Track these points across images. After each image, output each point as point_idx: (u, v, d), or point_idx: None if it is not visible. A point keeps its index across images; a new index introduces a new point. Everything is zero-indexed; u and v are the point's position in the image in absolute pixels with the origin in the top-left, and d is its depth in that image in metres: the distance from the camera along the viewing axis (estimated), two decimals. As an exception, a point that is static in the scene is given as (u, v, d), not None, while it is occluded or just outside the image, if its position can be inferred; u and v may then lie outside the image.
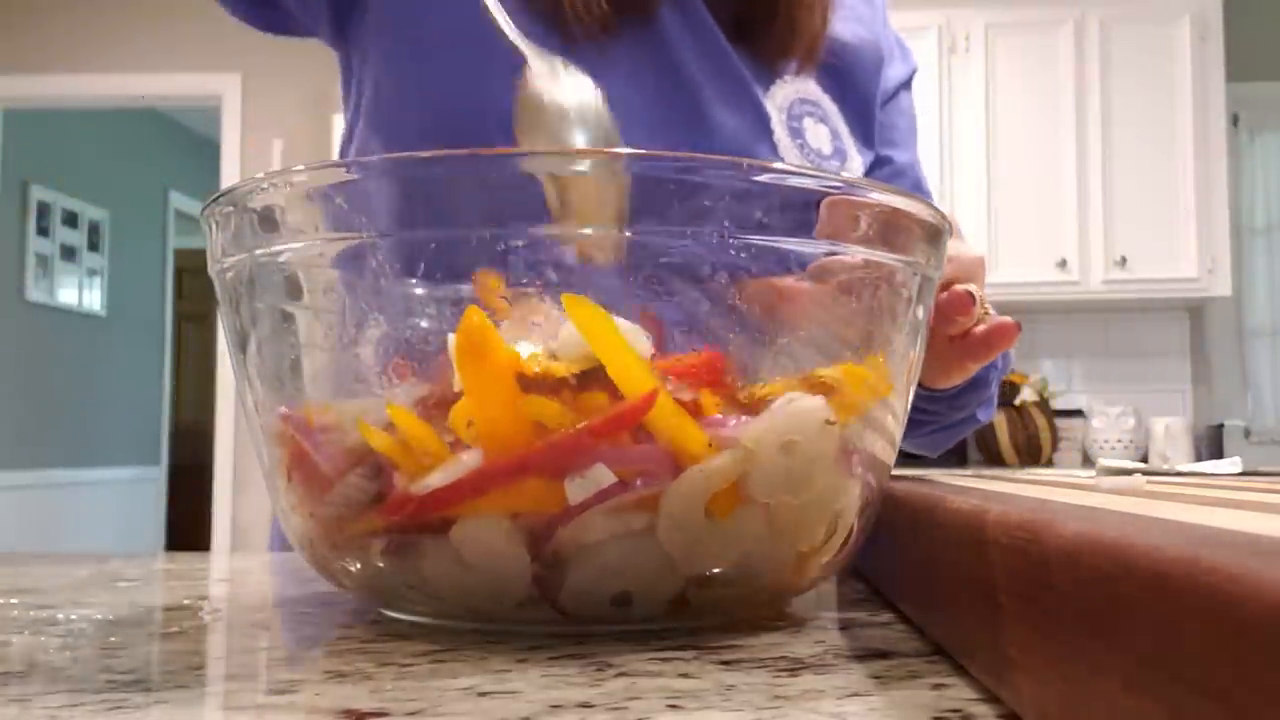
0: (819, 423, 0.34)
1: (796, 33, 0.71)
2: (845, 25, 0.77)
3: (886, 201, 0.37)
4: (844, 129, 0.75)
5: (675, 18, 0.69)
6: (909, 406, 0.42)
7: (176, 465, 5.52)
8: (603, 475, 0.32)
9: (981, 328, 0.52)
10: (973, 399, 0.67)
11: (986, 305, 0.54)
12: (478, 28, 0.53)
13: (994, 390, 0.72)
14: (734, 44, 0.71)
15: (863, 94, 0.77)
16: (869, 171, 0.77)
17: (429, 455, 0.33)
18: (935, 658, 0.32)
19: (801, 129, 0.72)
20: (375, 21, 0.70)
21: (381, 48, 0.70)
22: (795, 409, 0.34)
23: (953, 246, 0.44)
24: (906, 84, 0.84)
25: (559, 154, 0.34)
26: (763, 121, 0.70)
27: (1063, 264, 3.19)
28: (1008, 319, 0.53)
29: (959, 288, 0.51)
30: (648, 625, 0.36)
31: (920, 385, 0.60)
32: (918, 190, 0.81)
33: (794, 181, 0.35)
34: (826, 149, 0.73)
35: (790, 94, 0.72)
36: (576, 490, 0.32)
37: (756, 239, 0.34)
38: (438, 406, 0.34)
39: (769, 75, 0.72)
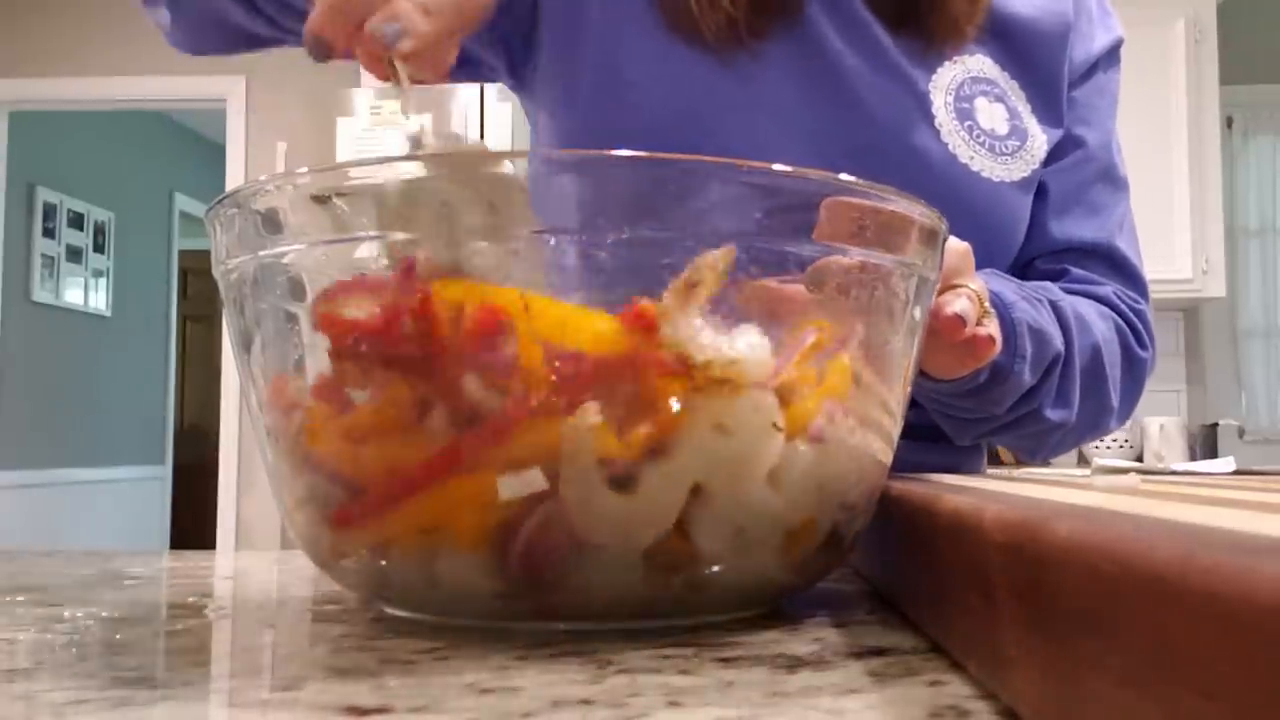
0: (765, 424, 0.34)
1: (953, 15, 0.70)
2: None
3: (884, 203, 0.37)
4: (1024, 107, 0.73)
5: (826, 13, 0.69)
6: (905, 405, 0.42)
7: (181, 464, 5.52)
8: (534, 480, 0.32)
9: (968, 332, 0.51)
10: (1003, 393, 0.64)
11: (986, 304, 0.54)
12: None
13: (1039, 384, 0.66)
14: (894, 32, 0.70)
15: (1046, 69, 0.74)
16: (1058, 148, 0.74)
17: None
18: (932, 655, 0.32)
19: (972, 109, 0.70)
20: (543, 75, 0.73)
21: (548, 96, 0.73)
22: (741, 400, 0.33)
23: None
24: (1108, 56, 0.80)
25: (560, 155, 0.34)
26: (922, 107, 0.69)
27: (1058, 265, 3.19)
28: (982, 332, 0.52)
29: (947, 310, 0.50)
30: (646, 623, 0.36)
31: (933, 379, 0.58)
32: (1109, 173, 0.78)
33: (792, 183, 0.35)
34: (1002, 128, 0.71)
35: (960, 74, 0.71)
36: (510, 490, 0.32)
37: (755, 240, 0.34)
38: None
39: (935, 58, 0.71)
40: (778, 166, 0.35)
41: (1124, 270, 0.77)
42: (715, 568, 0.35)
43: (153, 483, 5.28)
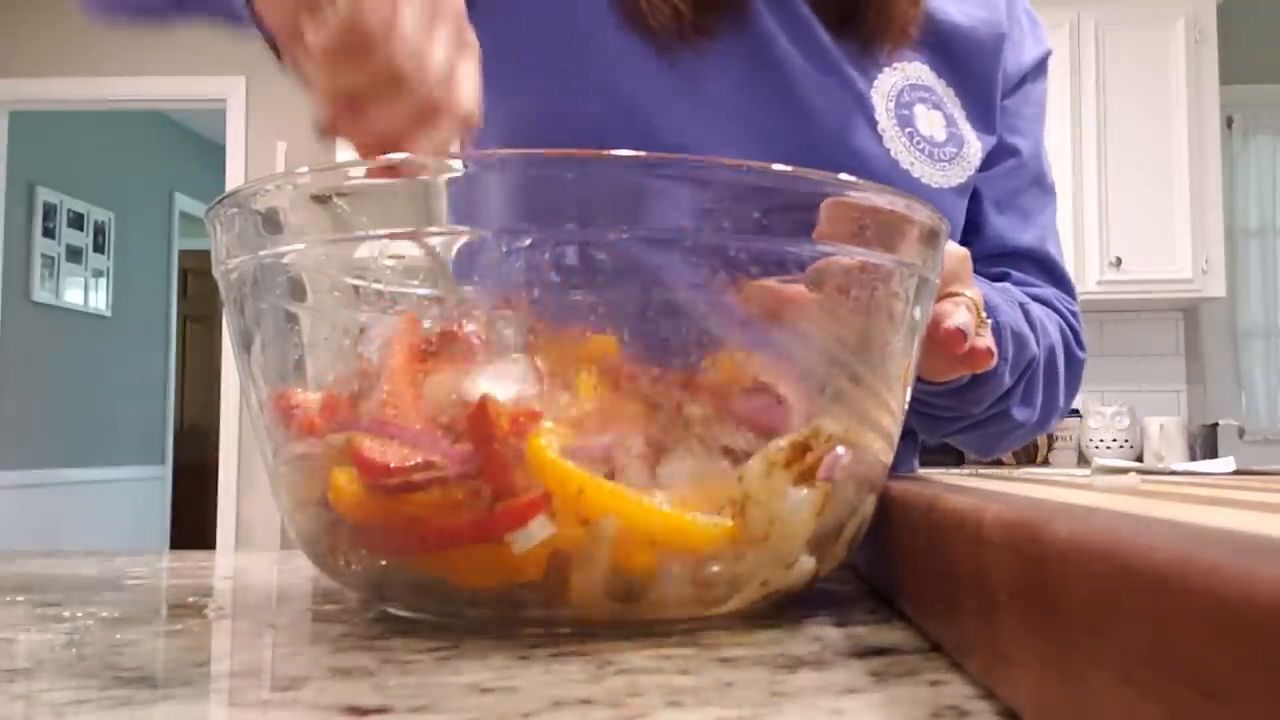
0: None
1: (894, 16, 0.70)
2: (958, 5, 0.75)
3: (884, 204, 0.37)
4: (960, 114, 0.74)
5: (771, 14, 0.69)
6: (906, 406, 0.42)
7: (181, 464, 5.52)
8: (541, 528, 0.32)
9: (968, 346, 0.51)
10: (984, 393, 0.65)
11: (984, 313, 0.54)
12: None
13: (1013, 385, 0.68)
14: (835, 34, 0.70)
15: (980, 77, 0.75)
16: (991, 156, 0.75)
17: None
18: (932, 655, 0.32)
19: (912, 116, 0.70)
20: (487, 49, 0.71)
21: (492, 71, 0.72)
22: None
23: None
24: (1037, 67, 0.81)
25: (570, 156, 0.34)
26: (865, 112, 0.69)
27: (1058, 265, 3.19)
28: (981, 345, 0.52)
29: (948, 323, 0.51)
30: (647, 622, 0.36)
31: (922, 380, 0.59)
32: (1040, 180, 0.80)
33: (793, 184, 0.35)
34: (940, 135, 0.71)
35: (899, 81, 0.71)
36: (521, 544, 0.32)
37: (755, 241, 0.34)
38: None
39: (875, 63, 0.71)
40: (778, 166, 0.35)
41: (1055, 273, 0.80)
42: (715, 568, 0.35)
43: (153, 483, 5.28)
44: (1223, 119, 3.40)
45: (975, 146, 0.74)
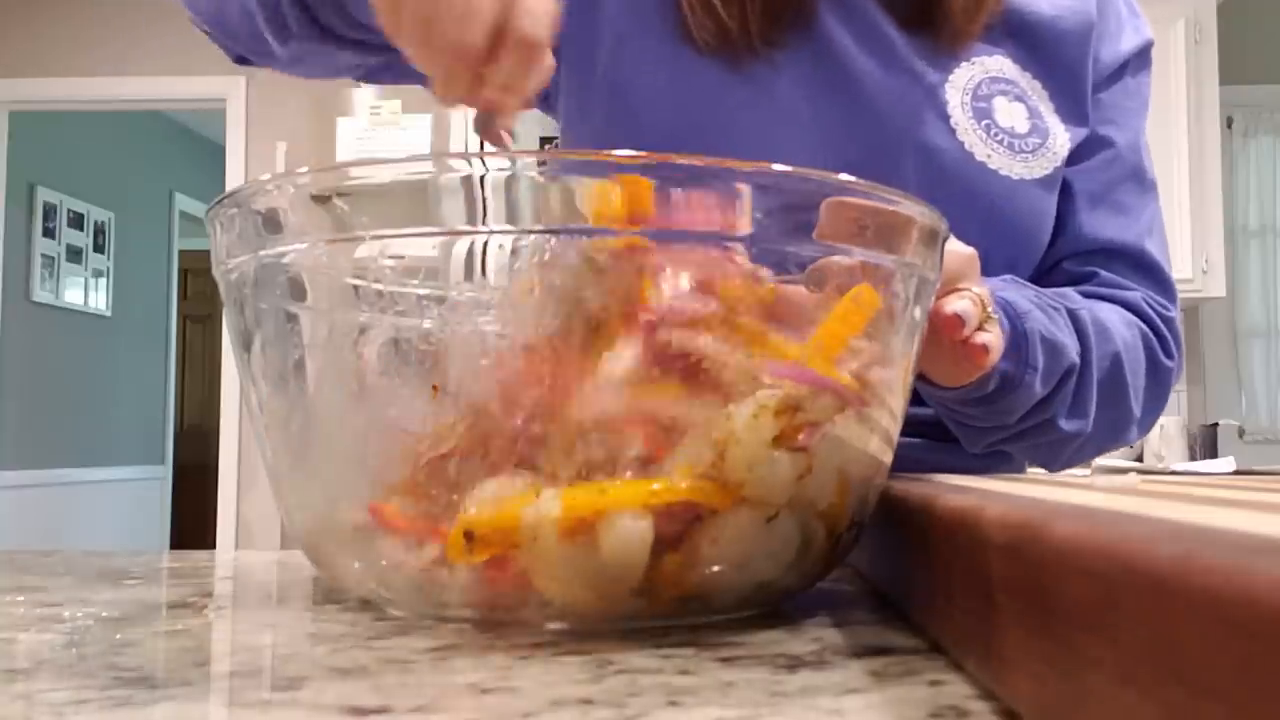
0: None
1: (966, 14, 0.70)
2: None
3: (885, 204, 0.37)
4: (1047, 106, 0.73)
5: (838, 18, 0.69)
6: (906, 406, 0.42)
7: (181, 464, 5.53)
8: None
9: (966, 333, 0.51)
10: (1012, 403, 0.63)
11: (990, 309, 0.53)
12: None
13: (1052, 395, 0.64)
14: (906, 31, 0.70)
15: (1068, 68, 0.74)
16: (1084, 147, 0.74)
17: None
18: (932, 654, 0.32)
19: (990, 109, 0.70)
20: (562, 87, 0.74)
21: (565, 107, 0.74)
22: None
23: (946, 244, 0.44)
24: (1138, 58, 0.79)
25: (579, 157, 0.34)
26: (937, 106, 0.69)
27: (1058, 265, 3.19)
28: (977, 340, 0.51)
29: (947, 309, 0.50)
30: (650, 622, 0.36)
31: (939, 386, 0.58)
32: (1138, 174, 0.77)
33: (792, 183, 0.35)
34: (1022, 126, 0.70)
35: (978, 74, 0.71)
36: None
37: (755, 240, 0.34)
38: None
39: (951, 58, 0.71)
40: (778, 166, 0.35)
41: (1153, 274, 0.76)
42: (716, 567, 0.35)
43: (153, 482, 5.28)
44: (1223, 119, 3.40)
45: (1062, 138, 0.72)
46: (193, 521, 5.43)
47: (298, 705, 0.26)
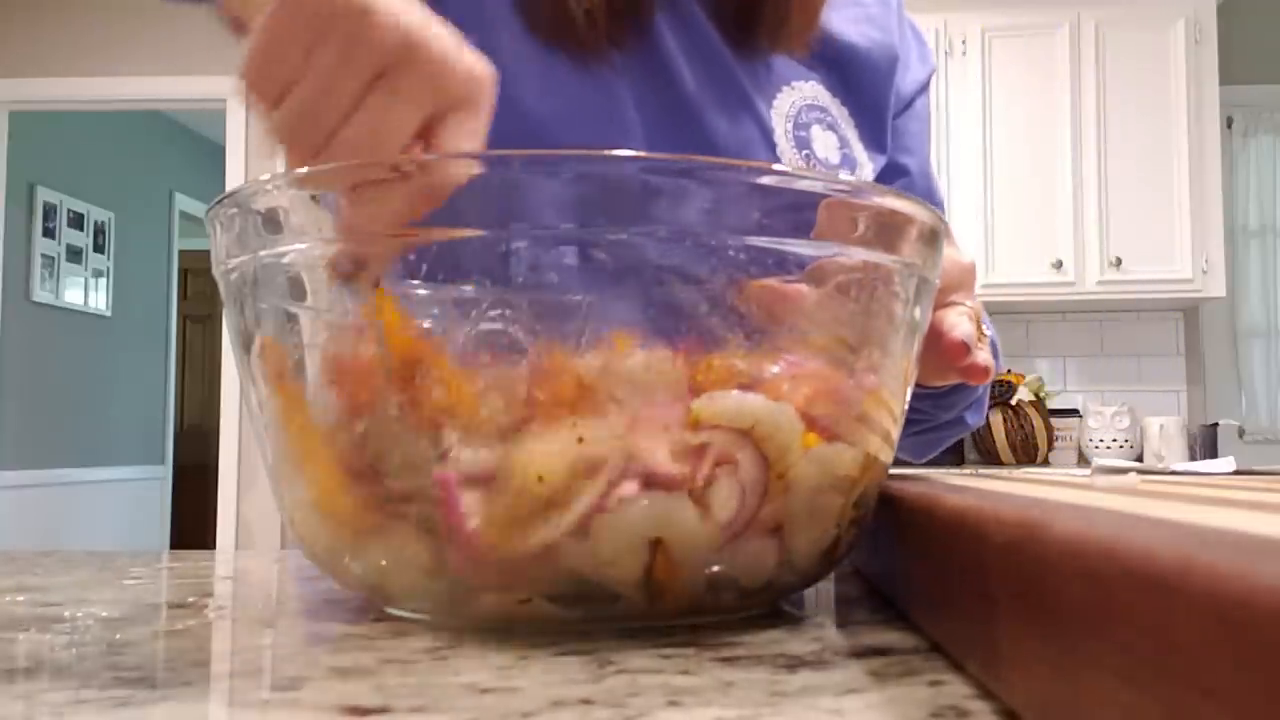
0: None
1: (789, 20, 0.70)
2: (855, 26, 0.75)
3: (884, 203, 0.37)
4: (853, 135, 0.74)
5: (674, 30, 0.69)
6: (906, 406, 0.42)
7: (181, 464, 5.53)
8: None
9: (969, 360, 0.52)
10: (960, 399, 0.67)
11: (984, 327, 0.54)
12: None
13: (983, 393, 0.71)
14: (736, 51, 0.70)
15: (874, 98, 0.76)
16: (882, 176, 0.76)
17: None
18: (932, 655, 0.32)
19: (809, 138, 0.70)
20: None
21: None
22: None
23: (944, 253, 0.44)
24: (924, 87, 0.82)
25: (575, 156, 0.34)
26: (765, 132, 0.69)
27: (1058, 265, 3.20)
28: (980, 361, 0.52)
29: (954, 334, 0.51)
30: (650, 622, 0.36)
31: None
32: (930, 197, 0.80)
33: (794, 184, 0.35)
34: (834, 157, 0.71)
35: (797, 101, 0.71)
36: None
37: (755, 240, 0.34)
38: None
39: (774, 83, 0.71)
40: (778, 166, 0.35)
41: None
42: (716, 567, 0.35)
43: (153, 483, 5.29)
44: (1223, 119, 3.41)
45: (867, 168, 0.74)
46: (193, 521, 5.43)
47: (298, 705, 0.26)
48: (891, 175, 0.77)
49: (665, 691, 0.27)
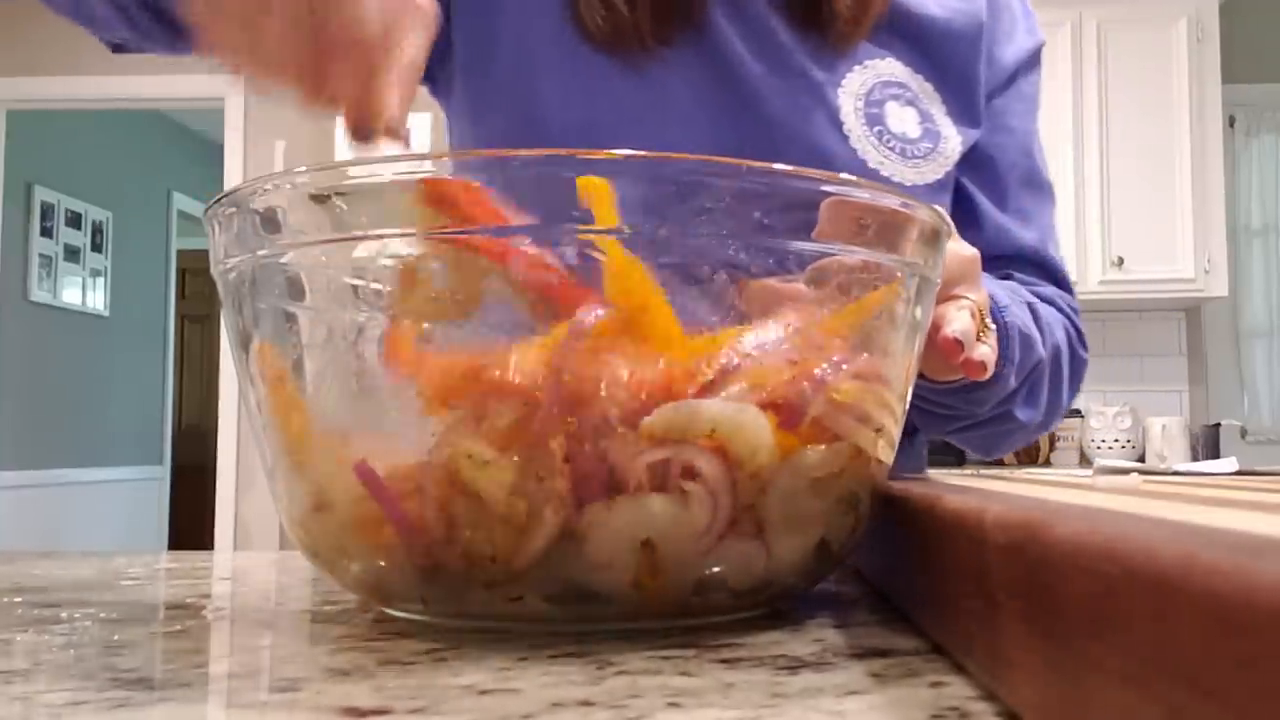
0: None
1: (853, 13, 0.70)
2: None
3: (885, 203, 0.37)
4: (939, 109, 0.73)
5: (730, 19, 0.69)
6: (907, 406, 0.42)
7: (179, 465, 5.53)
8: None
9: (964, 356, 0.51)
10: (988, 395, 0.64)
11: (987, 320, 0.54)
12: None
13: (1019, 387, 0.67)
14: (799, 36, 0.70)
15: (959, 69, 0.74)
16: (978, 151, 0.74)
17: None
18: (933, 656, 0.32)
19: (882, 114, 0.70)
20: (458, 83, 0.73)
21: (463, 104, 0.73)
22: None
23: (948, 246, 0.44)
24: (1030, 60, 0.79)
25: (570, 156, 0.34)
26: (828, 112, 0.69)
27: (1060, 264, 3.20)
28: (976, 357, 0.52)
29: (948, 331, 0.50)
30: (646, 624, 0.36)
31: (923, 376, 0.58)
32: (1031, 179, 0.78)
33: (793, 183, 0.35)
34: (913, 131, 0.70)
35: (869, 79, 0.70)
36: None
37: (756, 240, 0.34)
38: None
39: (843, 62, 0.70)
40: (779, 166, 0.35)
41: (1055, 275, 0.78)
42: (716, 568, 0.35)
43: (151, 483, 5.29)
44: (1225, 118, 3.41)
45: (954, 140, 0.72)
46: (191, 522, 5.43)
47: (296, 706, 0.26)
48: (991, 153, 0.75)
49: (665, 693, 0.27)
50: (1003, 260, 0.76)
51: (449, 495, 0.33)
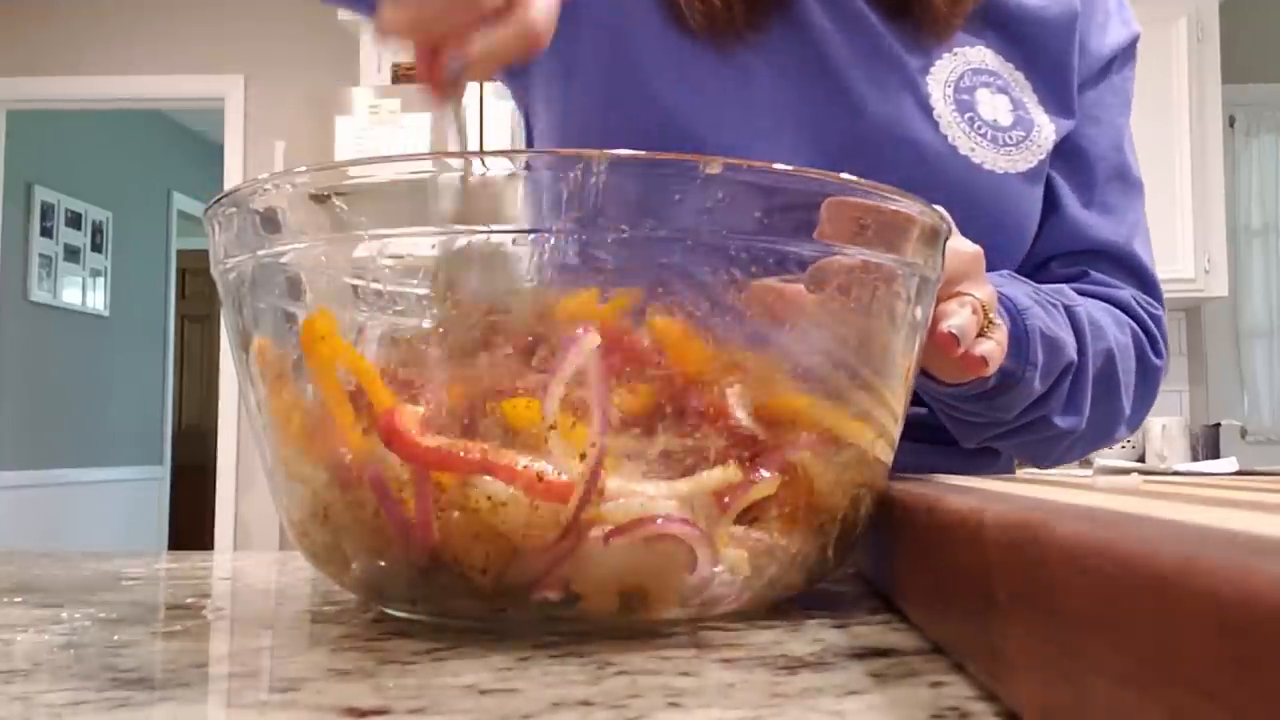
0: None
1: (950, 3, 0.70)
2: None
3: (885, 202, 0.37)
4: (1031, 98, 0.72)
5: (821, 5, 0.69)
6: (906, 407, 0.42)
7: (179, 465, 5.53)
8: None
9: (961, 350, 0.50)
10: (1013, 400, 0.63)
11: (991, 314, 0.53)
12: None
13: (1049, 391, 0.64)
14: (890, 23, 0.70)
15: (1052, 58, 0.73)
16: (1068, 144, 0.73)
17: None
18: (933, 656, 0.32)
19: (973, 101, 0.69)
20: (540, 72, 0.74)
21: (545, 93, 0.74)
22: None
23: (949, 243, 0.43)
24: (1124, 53, 0.78)
25: (564, 154, 0.34)
26: (919, 99, 0.68)
27: (1060, 264, 3.20)
28: (975, 353, 0.51)
29: (942, 326, 0.50)
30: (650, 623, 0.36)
31: (939, 381, 0.57)
32: (1120, 173, 0.76)
33: (792, 183, 0.35)
34: (1005, 119, 0.70)
35: (960, 66, 0.70)
36: None
37: (756, 240, 0.34)
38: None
39: (933, 50, 0.70)
40: (778, 166, 0.35)
41: (1139, 275, 0.76)
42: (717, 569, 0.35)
43: (151, 483, 5.29)
44: (1225, 118, 3.41)
45: (1048, 129, 0.72)
46: (191, 522, 5.43)
47: (296, 706, 0.26)
48: (1081, 145, 0.74)
49: (665, 693, 0.27)
50: (1082, 256, 0.74)
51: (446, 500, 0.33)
